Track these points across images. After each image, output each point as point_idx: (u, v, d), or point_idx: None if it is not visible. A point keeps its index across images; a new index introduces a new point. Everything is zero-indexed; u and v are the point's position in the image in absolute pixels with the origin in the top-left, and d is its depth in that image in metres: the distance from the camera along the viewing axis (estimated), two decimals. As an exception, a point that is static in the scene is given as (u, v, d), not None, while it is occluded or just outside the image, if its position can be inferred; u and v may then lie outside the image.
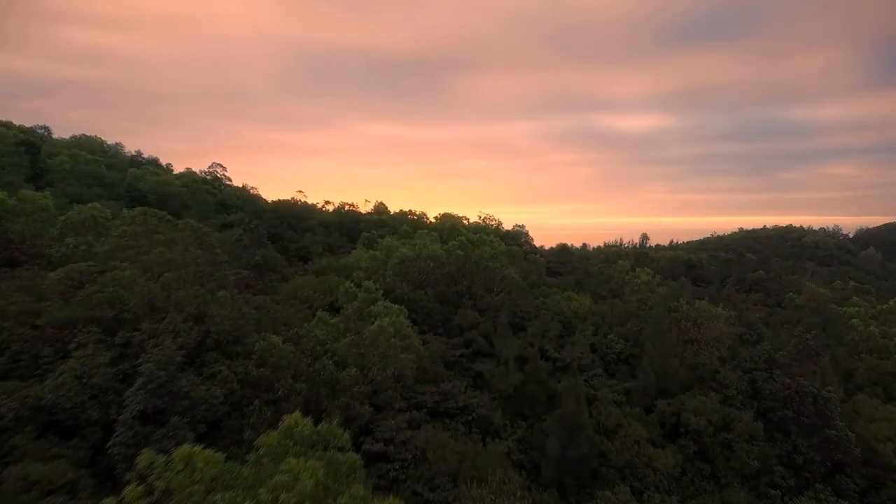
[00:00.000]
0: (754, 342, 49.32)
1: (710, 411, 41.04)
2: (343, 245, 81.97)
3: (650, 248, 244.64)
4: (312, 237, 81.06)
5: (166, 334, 27.88)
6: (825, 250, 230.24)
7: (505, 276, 56.87)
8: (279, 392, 30.70)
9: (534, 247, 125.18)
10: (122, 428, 24.48)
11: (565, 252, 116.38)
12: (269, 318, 37.59)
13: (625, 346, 52.56)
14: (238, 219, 79.54)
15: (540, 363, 48.03)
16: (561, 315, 56.22)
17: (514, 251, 64.52)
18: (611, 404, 42.56)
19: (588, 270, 79.41)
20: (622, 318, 56.59)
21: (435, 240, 74.31)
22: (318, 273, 64.34)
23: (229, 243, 62.19)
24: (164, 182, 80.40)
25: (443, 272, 55.93)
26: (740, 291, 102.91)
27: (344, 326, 38.17)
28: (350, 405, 32.88)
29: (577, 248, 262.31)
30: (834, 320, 68.41)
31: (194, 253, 43.51)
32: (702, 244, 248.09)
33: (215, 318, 30.73)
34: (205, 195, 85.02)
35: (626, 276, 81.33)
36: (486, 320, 54.61)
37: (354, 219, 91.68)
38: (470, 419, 41.03)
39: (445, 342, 49.60)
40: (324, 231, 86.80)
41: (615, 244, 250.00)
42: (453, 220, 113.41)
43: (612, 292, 65.85)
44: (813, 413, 42.62)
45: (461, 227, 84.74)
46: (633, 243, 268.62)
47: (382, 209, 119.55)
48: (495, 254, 62.78)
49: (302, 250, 78.27)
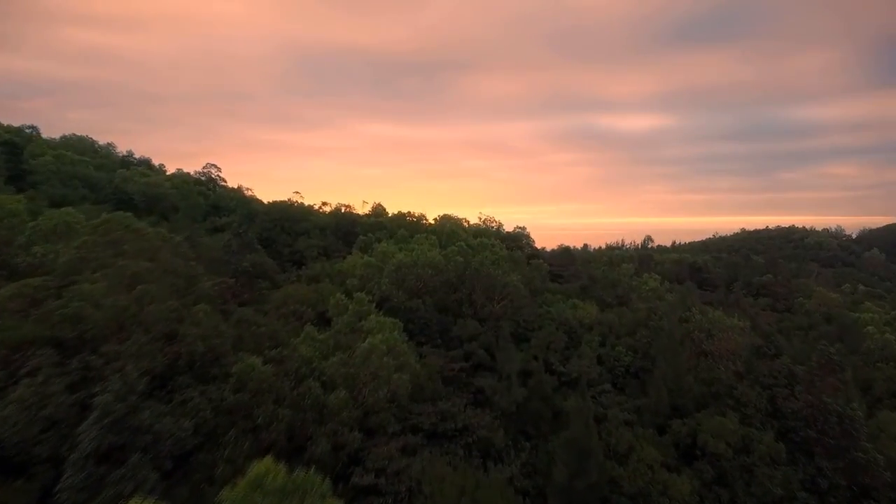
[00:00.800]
0: (772, 355, 46.22)
1: (729, 432, 37.90)
2: (339, 249, 78.78)
3: (653, 248, 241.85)
4: (307, 240, 77.87)
5: (129, 358, 24.74)
6: (828, 251, 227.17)
7: (507, 283, 53.72)
8: (259, 420, 27.58)
9: (535, 248, 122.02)
10: (73, 469, 21.35)
11: (568, 255, 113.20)
12: (251, 334, 34.45)
13: (633, 359, 49.40)
14: (229, 222, 76.40)
15: (544, 378, 44.91)
16: (566, 325, 53.09)
17: (517, 256, 61.38)
18: (621, 425, 39.40)
19: (593, 276, 76.21)
20: (630, 328, 53.44)
21: (434, 244, 71.36)
22: (311, 280, 61.20)
23: (216, 249, 59.14)
24: (154, 184, 77.25)
25: (441, 279, 52.80)
26: (747, 296, 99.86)
27: (334, 342, 35.06)
28: (338, 431, 29.76)
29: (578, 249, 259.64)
30: (849, 328, 65.24)
31: (170, 262, 40.42)
32: (704, 245, 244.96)
33: (187, 338, 27.58)
34: (196, 197, 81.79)
35: (632, 282, 78.17)
36: (487, 330, 51.50)
37: (351, 221, 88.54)
38: (470, 441, 37.89)
39: (444, 355, 46.47)
40: (319, 234, 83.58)
41: (617, 245, 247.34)
42: (453, 222, 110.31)
43: (618, 299, 62.73)
44: (838, 433, 39.49)
45: (461, 231, 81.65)
46: (634, 244, 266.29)
47: (380, 211, 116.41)
48: (496, 259, 59.63)
49: (296, 254, 75.11)
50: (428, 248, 54.77)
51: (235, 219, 77.22)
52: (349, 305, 37.36)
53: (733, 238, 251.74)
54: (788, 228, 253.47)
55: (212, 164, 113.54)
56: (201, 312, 34.53)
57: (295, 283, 53.87)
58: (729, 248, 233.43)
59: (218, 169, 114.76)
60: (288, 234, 77.57)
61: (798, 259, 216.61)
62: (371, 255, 57.46)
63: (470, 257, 56.09)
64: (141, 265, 39.66)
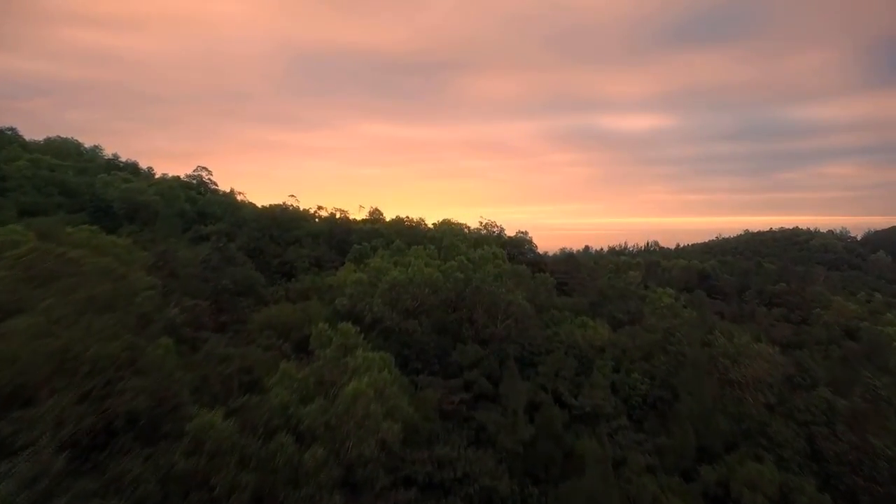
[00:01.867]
0: (808, 386, 41.30)
1: (766, 482, 32.97)
2: (332, 259, 73.80)
3: (657, 251, 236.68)
4: (298, 250, 72.90)
5: (47, 424, 19.78)
6: (834, 253, 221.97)
7: (511, 301, 48.74)
8: (217, 489, 22.67)
9: (538, 254, 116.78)
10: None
11: (573, 261, 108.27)
12: (218, 375, 29.47)
13: (651, 387, 44.45)
14: (216, 230, 71.38)
15: (554, 412, 39.95)
16: (576, 348, 48.14)
17: (521, 270, 56.39)
18: (643, 472, 34.46)
19: (603, 290, 71.20)
20: (646, 351, 48.50)
21: (433, 255, 66.42)
22: (298, 296, 56.18)
23: (195, 264, 54.03)
24: (136, 190, 72.22)
25: (439, 298, 47.84)
26: (760, 305, 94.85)
27: (314, 380, 30.13)
28: (315, 497, 24.87)
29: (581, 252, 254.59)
30: (878, 346, 60.19)
31: (135, 284, 35.51)
32: (707, 247, 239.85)
33: (127, 392, 22.57)
34: (181, 204, 76.76)
35: (642, 292, 73.25)
36: (490, 355, 46.54)
37: (345, 229, 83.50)
38: (471, 492, 33.06)
39: (442, 385, 41.53)
40: (312, 242, 78.60)
41: (621, 249, 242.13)
42: (453, 227, 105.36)
43: (630, 316, 57.75)
44: (888, 479, 34.66)
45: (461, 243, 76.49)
46: (637, 247, 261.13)
47: (377, 216, 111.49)
48: (500, 274, 54.70)
49: (286, 265, 70.14)
50: (425, 263, 49.73)
51: (223, 227, 72.23)
52: (333, 337, 32.46)
53: (736, 240, 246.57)
54: (792, 230, 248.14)
55: (202, 167, 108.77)
56: (161, 349, 29.64)
57: (279, 304, 48.80)
58: (733, 250, 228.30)
59: (209, 172, 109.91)
60: (277, 243, 72.56)
61: (803, 261, 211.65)
62: (364, 268, 52.43)
63: (471, 273, 51.14)
64: (97, 289, 34.70)
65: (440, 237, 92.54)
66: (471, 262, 53.97)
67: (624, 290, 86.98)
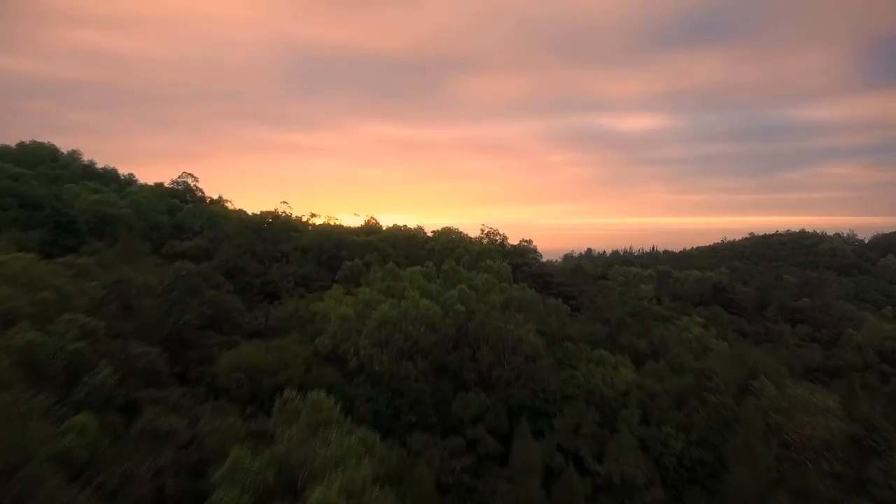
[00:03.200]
0: (881, 451, 34.14)
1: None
2: (321, 277, 66.60)
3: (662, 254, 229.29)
4: (284, 268, 65.74)
5: None
6: (843, 258, 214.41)
7: (520, 337, 41.54)
8: None
9: (543, 264, 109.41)
10: None
11: (580, 274, 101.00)
12: (143, 475, 22.16)
13: (686, 444, 37.28)
14: (193, 247, 64.16)
15: (575, 481, 32.87)
16: (596, 394, 40.97)
17: (530, 297, 49.11)
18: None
19: (617, 311, 63.95)
20: (677, 397, 41.35)
21: (430, 275, 59.25)
22: (279, 327, 48.93)
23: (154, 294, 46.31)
24: (104, 202, 64.90)
25: (438, 336, 40.60)
26: (782, 322, 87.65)
27: (274, 473, 22.94)
28: None
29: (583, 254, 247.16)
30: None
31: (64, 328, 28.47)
32: (713, 251, 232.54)
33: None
34: (157, 216, 69.51)
35: (661, 315, 66.10)
36: (496, 403, 39.37)
37: (336, 242, 76.19)
38: None
39: (440, 448, 34.42)
40: (300, 258, 71.44)
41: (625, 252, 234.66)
42: (453, 238, 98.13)
43: (652, 347, 50.57)
44: None
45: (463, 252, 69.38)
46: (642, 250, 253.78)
47: (374, 225, 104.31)
48: (507, 301, 47.50)
49: (270, 285, 62.87)
50: (421, 293, 42.46)
51: (200, 243, 65.03)
52: (302, 409, 25.31)
53: (743, 244, 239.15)
54: (799, 233, 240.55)
55: (188, 174, 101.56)
56: (73, 435, 22.49)
57: (252, 344, 41.41)
58: (740, 254, 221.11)
59: (195, 178, 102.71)
60: (261, 261, 65.28)
61: (812, 266, 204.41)
62: (352, 299, 45.15)
63: (473, 303, 43.95)
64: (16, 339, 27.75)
65: (439, 251, 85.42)
66: (473, 289, 46.73)
67: (639, 310, 79.91)
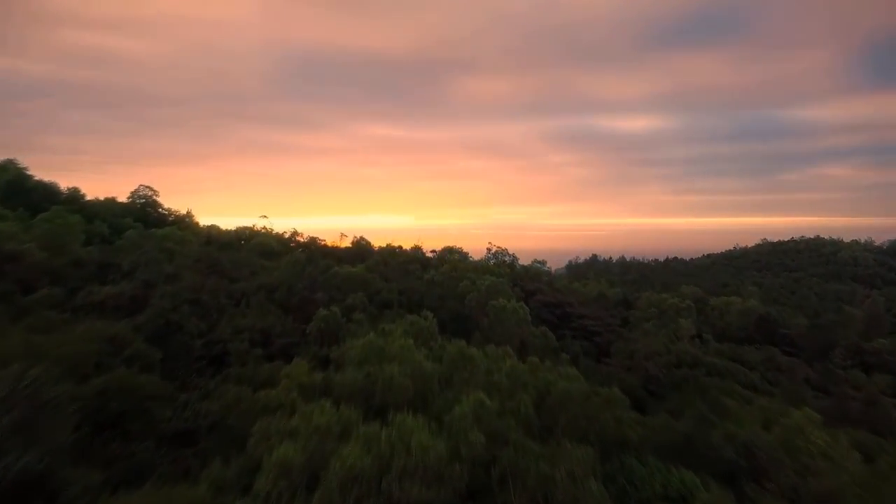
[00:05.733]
0: None
1: None
2: (287, 332, 49.97)
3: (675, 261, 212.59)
4: (238, 320, 49.14)
5: None
6: (865, 267, 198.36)
7: (570, 481, 25.15)
8: None
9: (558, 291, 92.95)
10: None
11: (604, 303, 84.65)
12: None
13: None
14: (117, 294, 47.43)
15: None
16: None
17: (578, 390, 32.78)
18: None
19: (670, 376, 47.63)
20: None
21: (430, 333, 43.02)
22: (207, 432, 32.48)
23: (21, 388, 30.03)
24: (5, 234, 48.18)
25: (442, 490, 24.33)
26: (851, 367, 71.53)
27: None
28: None
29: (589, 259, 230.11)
30: None
31: None
32: (727, 258, 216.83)
33: None
34: (78, 249, 52.70)
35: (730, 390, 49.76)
36: None
37: (311, 279, 59.46)
38: None
39: None
40: (263, 301, 54.77)
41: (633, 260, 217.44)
42: (456, 262, 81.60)
43: (751, 463, 34.24)
44: None
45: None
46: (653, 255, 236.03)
47: (363, 246, 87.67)
48: (542, 397, 31.11)
49: (217, 346, 46.13)
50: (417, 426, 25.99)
51: (126, 288, 48.35)
52: None
53: (756, 250, 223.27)
54: (816, 240, 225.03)
55: (146, 186, 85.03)
56: None
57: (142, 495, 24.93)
58: (756, 263, 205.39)
59: (154, 192, 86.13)
60: (206, 312, 48.67)
61: (834, 277, 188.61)
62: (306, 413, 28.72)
63: (495, 420, 27.54)
64: None
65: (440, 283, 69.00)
66: (496, 387, 30.20)
67: (687, 356, 63.76)
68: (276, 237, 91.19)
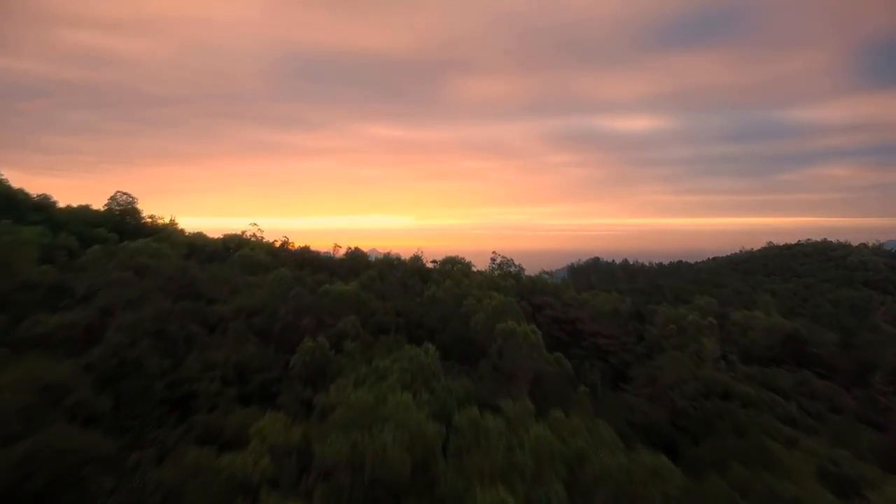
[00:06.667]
0: None
1: None
2: (266, 366, 42.98)
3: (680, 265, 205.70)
4: (209, 354, 42.06)
5: None
6: (876, 272, 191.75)
7: None
8: None
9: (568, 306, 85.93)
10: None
11: (618, 320, 77.79)
12: None
13: None
14: (67, 325, 40.30)
15: None
16: None
17: (616, 467, 26.04)
18: None
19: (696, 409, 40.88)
20: None
21: (426, 373, 36.14)
22: None
23: None
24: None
25: None
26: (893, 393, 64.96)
27: None
28: None
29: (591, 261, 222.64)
30: None
31: None
32: (733, 262, 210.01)
33: None
34: (26, 272, 45.50)
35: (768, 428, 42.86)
36: None
37: (297, 301, 52.24)
38: None
39: None
40: (240, 329, 47.72)
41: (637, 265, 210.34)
42: (460, 275, 74.61)
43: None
44: None
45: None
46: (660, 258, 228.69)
47: (357, 257, 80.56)
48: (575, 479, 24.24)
49: (181, 387, 39.04)
50: None
51: (80, 317, 41.28)
52: None
53: (763, 254, 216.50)
54: (823, 243, 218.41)
55: (123, 192, 77.76)
56: None
57: None
58: (764, 267, 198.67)
59: (133, 199, 78.87)
60: (171, 346, 41.59)
61: (844, 282, 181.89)
62: None
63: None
64: None
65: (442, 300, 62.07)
66: (519, 470, 23.35)
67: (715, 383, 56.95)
68: (266, 246, 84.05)
